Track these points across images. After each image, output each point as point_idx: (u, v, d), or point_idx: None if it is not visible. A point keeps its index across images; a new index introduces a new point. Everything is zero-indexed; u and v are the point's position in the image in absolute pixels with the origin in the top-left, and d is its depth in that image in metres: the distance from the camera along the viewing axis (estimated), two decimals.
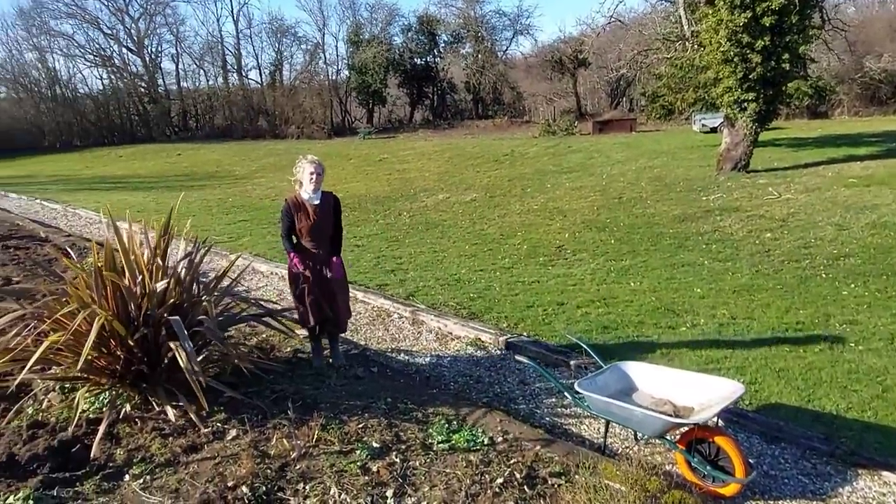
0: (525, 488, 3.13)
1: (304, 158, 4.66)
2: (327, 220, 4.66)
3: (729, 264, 7.62)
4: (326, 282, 4.67)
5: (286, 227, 4.66)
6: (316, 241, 4.63)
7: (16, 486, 3.11)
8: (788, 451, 3.74)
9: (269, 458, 3.39)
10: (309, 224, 4.56)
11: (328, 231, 4.69)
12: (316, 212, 4.59)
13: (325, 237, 4.68)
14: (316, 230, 4.59)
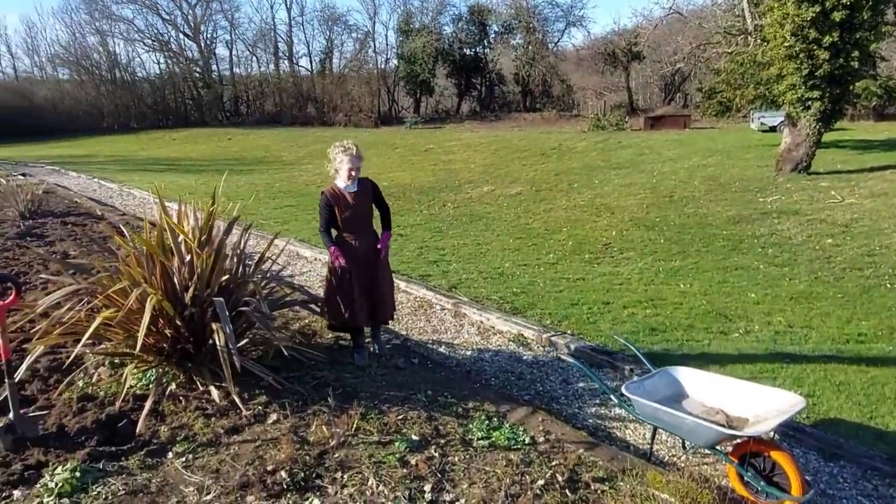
0: (567, 492, 3.03)
1: (340, 148, 4.42)
2: (366, 206, 4.50)
3: (786, 270, 7.29)
4: (369, 274, 4.50)
5: (325, 221, 4.43)
6: (357, 230, 4.47)
7: (64, 457, 3.18)
8: (848, 469, 3.53)
9: (308, 445, 3.38)
10: (349, 214, 4.39)
11: (369, 219, 4.53)
12: (354, 199, 4.44)
13: (367, 225, 4.53)
14: (356, 219, 4.44)
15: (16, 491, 2.94)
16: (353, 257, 4.43)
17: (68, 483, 2.93)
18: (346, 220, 4.41)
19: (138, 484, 3.01)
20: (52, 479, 2.96)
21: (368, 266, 4.50)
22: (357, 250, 4.46)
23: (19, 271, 6.88)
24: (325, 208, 4.41)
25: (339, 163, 4.41)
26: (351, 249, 4.45)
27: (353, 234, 4.47)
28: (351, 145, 4.41)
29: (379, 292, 4.57)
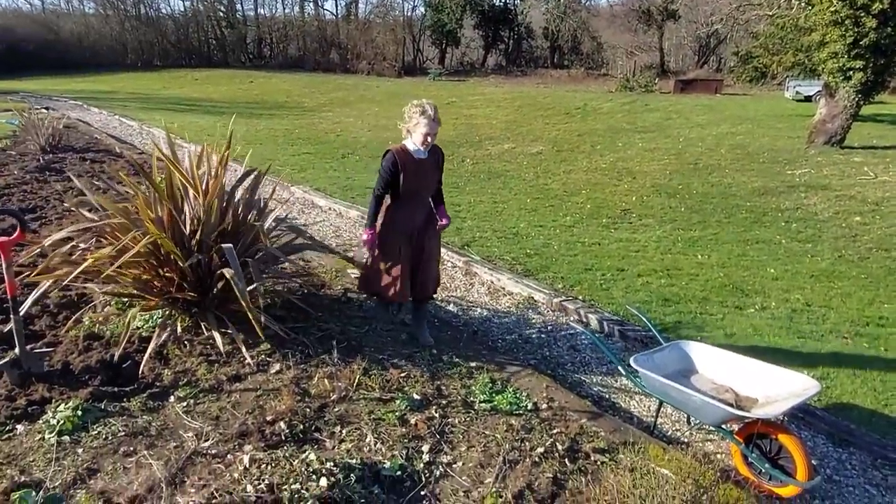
0: (566, 462, 3.00)
1: (418, 109, 3.84)
2: (433, 177, 4.04)
3: (809, 246, 7.08)
4: (419, 247, 4.09)
5: (384, 184, 3.91)
6: (416, 201, 4.01)
7: (68, 394, 3.20)
8: (857, 457, 3.46)
9: (308, 397, 3.37)
10: (414, 182, 3.89)
11: (432, 190, 4.08)
12: (423, 167, 3.93)
13: (427, 198, 4.09)
14: (419, 189, 3.97)
15: (19, 425, 2.97)
16: (404, 232, 4.01)
17: (69, 421, 2.94)
18: (409, 188, 3.90)
19: (138, 426, 3.02)
20: (54, 415, 2.99)
21: (419, 240, 4.09)
22: (411, 223, 4.03)
23: (36, 205, 6.90)
24: (388, 170, 3.87)
25: (413, 124, 3.85)
26: (405, 222, 4.01)
27: (412, 205, 4.00)
28: (430, 108, 3.85)
29: (426, 266, 4.16)
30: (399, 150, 3.89)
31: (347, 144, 13.80)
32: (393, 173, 3.86)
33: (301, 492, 2.51)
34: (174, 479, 2.66)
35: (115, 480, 2.64)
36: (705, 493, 2.49)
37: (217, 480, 2.64)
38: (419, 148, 3.89)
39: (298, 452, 2.86)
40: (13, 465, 2.69)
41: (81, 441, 2.87)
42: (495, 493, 2.74)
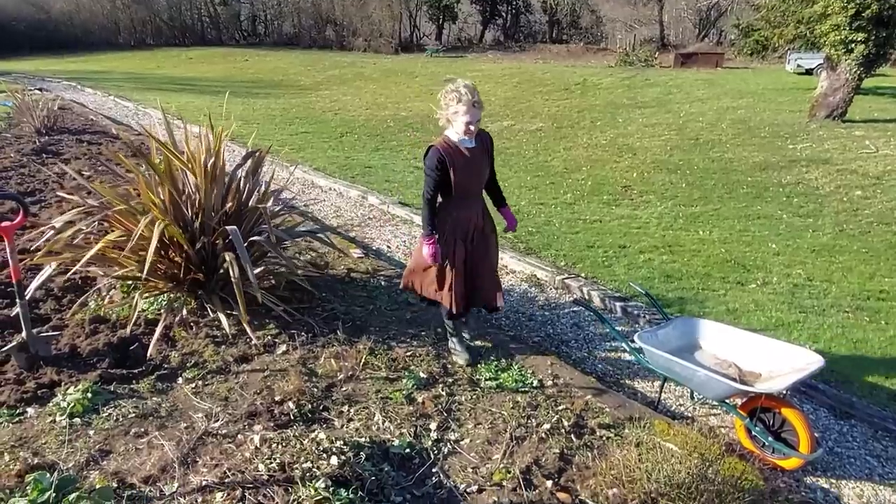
0: (572, 437, 3.04)
1: (454, 95, 3.37)
2: (485, 166, 3.56)
3: (810, 221, 7.08)
4: (478, 250, 3.63)
5: (434, 185, 3.41)
6: (470, 196, 3.56)
7: (77, 377, 3.22)
8: (858, 429, 3.50)
9: (316, 377, 3.40)
10: (465, 176, 3.43)
11: (484, 181, 3.63)
12: (472, 157, 3.47)
13: (480, 190, 3.65)
14: (472, 182, 3.52)
15: (29, 408, 2.99)
16: (461, 234, 3.54)
17: (80, 403, 2.97)
18: (461, 182, 3.44)
19: (148, 407, 3.05)
20: (64, 398, 3.01)
21: (478, 241, 3.62)
22: (468, 223, 3.55)
23: (34, 189, 6.87)
24: (435, 168, 3.39)
25: (452, 112, 3.41)
26: (462, 222, 3.54)
27: (466, 202, 3.54)
28: (467, 91, 3.36)
29: (488, 270, 3.70)
30: (443, 144, 3.43)
31: (345, 123, 13.70)
32: (441, 171, 3.39)
33: (312, 470, 2.55)
34: (186, 458, 2.69)
35: (128, 461, 2.67)
36: (710, 466, 2.53)
37: (229, 460, 2.67)
38: (464, 137, 3.43)
39: (308, 432, 2.90)
40: (26, 447, 2.72)
41: (93, 423, 2.90)
42: (503, 468, 2.78)
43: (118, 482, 2.54)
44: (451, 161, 3.40)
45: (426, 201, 3.48)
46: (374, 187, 8.05)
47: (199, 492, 2.49)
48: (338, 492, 2.42)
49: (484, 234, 3.65)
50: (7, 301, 4.02)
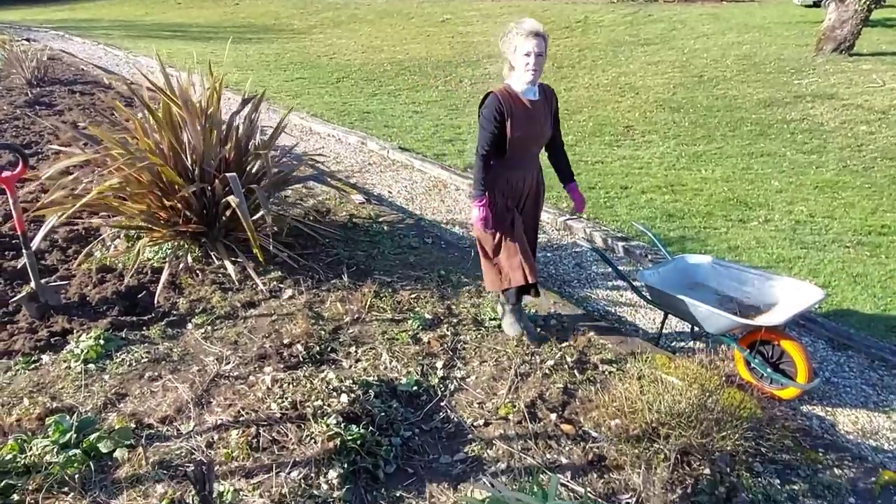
0: (575, 372, 3.11)
1: (514, 29, 2.95)
2: (547, 124, 3.12)
3: (814, 157, 7.01)
4: (529, 219, 3.33)
5: (490, 139, 3.00)
6: (527, 158, 3.16)
7: (88, 325, 3.28)
8: (855, 359, 3.57)
9: (322, 320, 3.45)
10: (524, 131, 3.01)
11: (545, 141, 3.20)
12: (534, 111, 3.03)
13: (538, 151, 3.25)
14: (531, 141, 3.10)
15: (44, 356, 3.06)
16: (514, 198, 3.20)
17: (93, 350, 3.04)
18: (519, 141, 3.03)
19: (160, 352, 3.11)
20: (77, 345, 3.08)
21: (529, 208, 3.30)
22: (522, 187, 3.19)
23: (30, 141, 6.81)
24: (493, 120, 2.97)
25: (511, 50, 2.95)
26: (515, 185, 3.17)
27: (523, 163, 3.14)
28: (525, 21, 2.94)
29: (532, 242, 3.42)
30: (503, 92, 3.03)
31: (341, 68, 13.40)
32: (499, 122, 2.98)
33: (323, 407, 2.62)
34: (201, 399, 2.77)
35: (144, 403, 2.75)
36: (710, 397, 2.60)
37: (242, 400, 2.75)
38: (527, 86, 3.02)
39: (317, 372, 2.97)
40: (44, 392, 2.80)
41: (107, 368, 2.97)
42: (508, 403, 2.86)
43: (136, 423, 2.62)
44: (511, 112, 2.99)
45: (479, 157, 3.06)
46: (373, 133, 7.95)
47: (215, 430, 2.58)
48: (349, 427, 2.50)
49: (536, 200, 3.32)
50: (13, 253, 4.04)
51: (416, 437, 2.65)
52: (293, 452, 2.46)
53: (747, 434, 2.59)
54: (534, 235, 3.43)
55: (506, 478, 2.46)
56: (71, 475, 2.31)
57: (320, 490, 2.32)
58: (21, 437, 2.46)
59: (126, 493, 2.28)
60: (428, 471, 2.49)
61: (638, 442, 2.57)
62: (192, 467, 2.23)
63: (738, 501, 2.45)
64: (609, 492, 2.43)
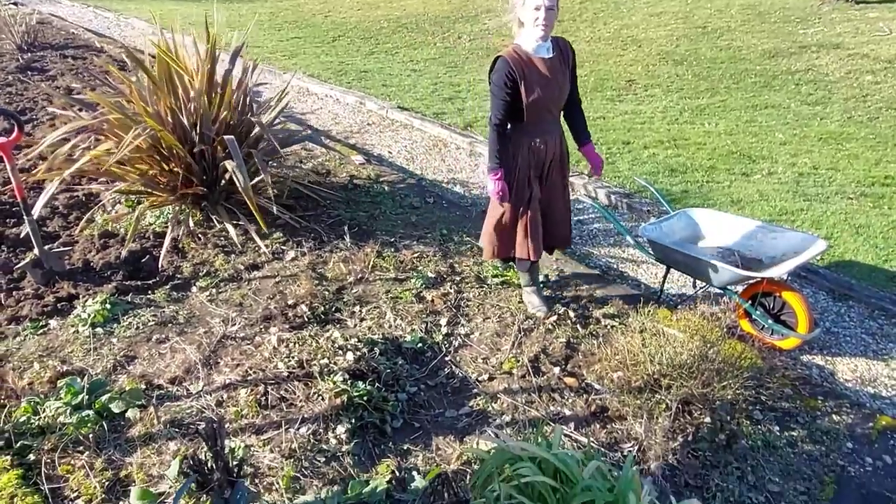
0: (578, 327, 3.14)
1: None
2: (565, 83, 2.92)
3: (818, 108, 6.92)
4: (551, 186, 3.12)
5: (502, 107, 2.83)
6: (546, 122, 2.95)
7: (93, 290, 3.30)
8: (855, 309, 3.60)
9: (326, 281, 3.47)
10: (540, 94, 2.81)
11: (564, 100, 3.00)
12: (549, 70, 2.84)
13: (559, 112, 3.05)
14: (549, 103, 2.88)
15: (51, 321, 3.09)
16: (535, 167, 3.01)
17: (100, 314, 3.06)
18: (536, 104, 2.83)
19: (166, 315, 3.14)
20: (84, 310, 3.10)
21: (555, 175, 3.11)
22: (543, 154, 2.99)
23: (25, 107, 6.73)
24: (503, 86, 2.79)
25: (521, 5, 2.78)
26: (535, 153, 2.98)
27: (542, 127, 2.94)
28: None
29: (559, 210, 3.22)
30: (512, 54, 2.82)
31: (337, 26, 13.13)
32: (511, 87, 2.79)
33: (330, 366, 2.66)
34: (209, 360, 2.81)
35: (153, 365, 2.79)
36: (712, 348, 2.63)
37: (249, 360, 2.79)
38: (539, 43, 2.81)
39: (322, 332, 3.00)
40: (53, 356, 2.84)
41: (115, 332, 3.01)
42: (512, 358, 2.90)
43: (146, 384, 2.67)
44: (523, 75, 2.78)
45: (493, 127, 2.88)
46: (371, 92, 7.84)
47: (224, 389, 2.63)
48: (355, 384, 2.54)
49: (561, 165, 3.11)
50: (14, 220, 4.04)
51: (422, 392, 2.69)
52: (301, 409, 2.51)
53: (748, 383, 2.63)
54: (564, 205, 3.20)
55: (510, 430, 2.51)
56: (85, 435, 2.36)
57: (329, 444, 2.37)
58: (34, 400, 2.51)
59: (140, 451, 2.33)
60: (434, 424, 2.54)
61: (640, 393, 2.61)
62: (203, 425, 2.27)
63: (737, 448, 2.50)
64: (612, 441, 2.49)
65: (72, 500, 2.14)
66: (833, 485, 2.39)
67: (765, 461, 2.47)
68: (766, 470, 2.43)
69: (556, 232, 3.24)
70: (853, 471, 2.47)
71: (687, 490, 2.31)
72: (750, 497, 2.31)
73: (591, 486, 1.74)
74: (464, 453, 2.35)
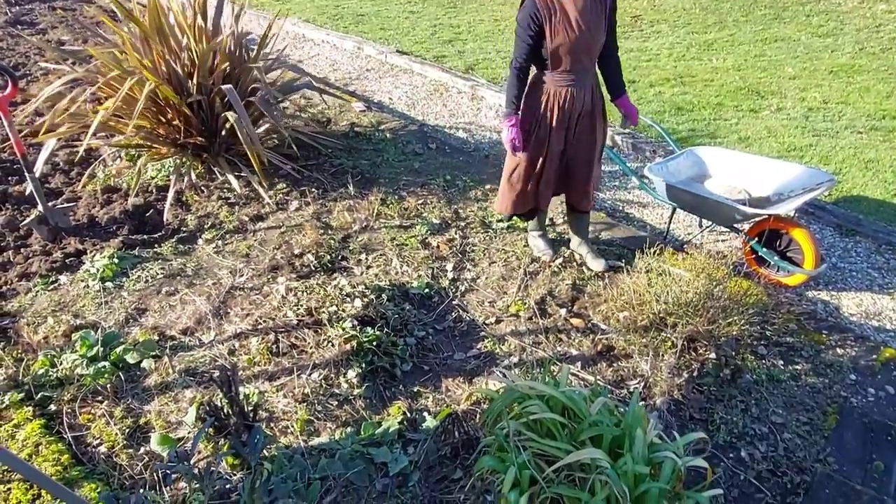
0: (583, 269, 3.15)
1: None
2: (598, 28, 2.65)
3: (830, 41, 6.71)
4: (580, 142, 2.89)
5: (525, 51, 2.66)
6: (577, 71, 2.70)
7: (100, 245, 3.32)
8: (862, 244, 3.59)
9: (331, 230, 3.47)
10: (570, 37, 2.58)
11: (598, 49, 2.73)
12: (581, 14, 2.58)
13: (592, 61, 2.77)
14: (579, 49, 2.62)
15: (61, 276, 3.12)
16: (563, 116, 2.78)
17: (108, 269, 3.09)
18: (563, 50, 2.62)
19: (174, 268, 3.17)
20: (93, 265, 3.13)
21: (582, 129, 2.87)
22: (570, 104, 2.76)
23: (17, 63, 6.60)
24: (528, 26, 2.60)
25: None
26: (563, 102, 2.75)
27: (570, 75, 2.70)
28: None
29: (579, 168, 2.98)
30: None
31: None
32: (535, 30, 2.59)
33: (338, 313, 2.69)
34: (219, 311, 2.85)
35: (165, 317, 2.83)
36: (717, 286, 2.64)
37: (258, 309, 2.82)
38: None
39: (330, 280, 3.02)
40: (66, 311, 2.88)
41: (124, 285, 3.03)
42: (519, 301, 2.92)
43: (159, 335, 2.71)
44: (550, 16, 2.57)
45: (512, 70, 2.72)
46: (369, 37, 7.64)
47: (236, 338, 2.67)
48: (364, 330, 2.57)
49: (592, 121, 2.87)
50: (16, 178, 4.02)
51: (430, 336, 2.73)
52: (312, 356, 2.55)
53: (753, 320, 2.65)
54: (587, 167, 2.96)
55: (518, 370, 2.55)
56: (103, 385, 2.42)
57: (341, 389, 2.42)
58: (50, 353, 2.56)
59: (157, 399, 2.39)
60: (443, 367, 2.59)
61: (646, 332, 2.64)
62: (217, 373, 2.32)
63: (742, 382, 2.54)
64: (618, 379, 2.53)
65: (94, 447, 2.21)
66: (835, 415, 2.44)
67: (768, 394, 2.51)
68: (769, 402, 2.47)
69: (572, 192, 3.07)
70: (856, 401, 2.52)
71: (692, 423, 2.36)
72: (753, 428, 2.36)
73: (598, 421, 1.78)
74: (473, 393, 2.40)
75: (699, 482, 2.02)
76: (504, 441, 1.83)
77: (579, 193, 3.06)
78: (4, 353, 2.60)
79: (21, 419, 2.26)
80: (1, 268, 3.19)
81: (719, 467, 2.21)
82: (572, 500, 1.68)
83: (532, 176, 2.97)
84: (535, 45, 2.65)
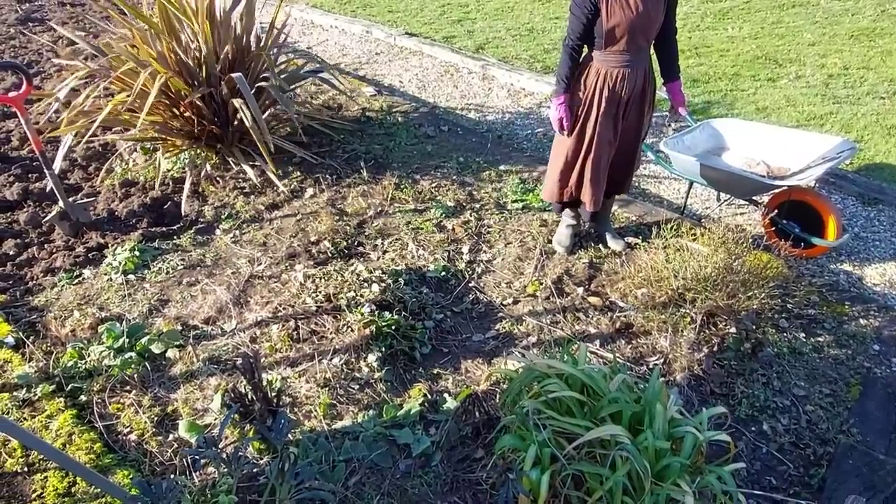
0: (600, 247, 3.14)
1: None
2: (656, 11, 2.56)
3: (849, 4, 6.54)
4: (630, 129, 2.84)
5: (579, 30, 2.59)
6: (632, 52, 2.60)
7: (121, 238, 3.37)
8: (885, 213, 3.52)
9: (346, 216, 3.49)
10: (625, 19, 2.49)
11: (655, 31, 2.65)
12: None
13: (648, 43, 2.68)
14: (635, 30, 2.53)
15: (85, 270, 3.18)
16: (614, 99, 2.69)
17: (130, 261, 3.14)
18: (619, 31, 2.53)
19: (194, 259, 3.21)
20: (115, 258, 3.18)
21: (630, 117, 2.81)
22: (623, 90, 2.67)
23: (30, 60, 6.67)
24: (584, 4, 2.52)
25: None
26: (615, 88, 2.67)
27: (624, 57, 2.61)
28: None
29: (624, 156, 2.95)
30: None
31: None
32: (591, 9, 2.52)
33: (356, 298, 2.71)
34: (239, 300, 2.88)
35: (187, 307, 2.88)
36: (737, 260, 2.61)
37: (278, 297, 2.85)
38: None
39: (347, 266, 3.04)
40: (91, 304, 2.94)
41: (146, 278, 3.08)
42: (535, 281, 2.92)
43: (182, 325, 2.76)
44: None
45: (565, 49, 2.66)
46: (377, 20, 7.59)
47: (257, 326, 2.71)
48: (382, 314, 2.59)
49: (641, 106, 2.79)
50: (36, 175, 4.09)
51: (448, 319, 2.75)
52: (332, 341, 2.59)
53: (773, 293, 2.62)
54: (632, 152, 2.93)
55: (537, 350, 2.56)
56: (130, 375, 2.47)
57: (362, 373, 2.45)
58: (78, 345, 2.62)
59: (183, 388, 2.44)
60: (462, 349, 2.61)
61: (664, 308, 2.63)
62: (240, 360, 2.36)
63: (763, 356, 2.53)
64: (637, 356, 2.53)
65: (125, 435, 2.26)
66: (858, 386, 2.42)
67: (790, 367, 2.50)
68: (791, 375, 2.46)
69: (613, 177, 2.98)
70: (879, 372, 2.49)
71: (713, 398, 2.36)
72: (775, 401, 2.35)
73: (617, 398, 1.79)
74: (492, 374, 2.42)
75: (721, 456, 2.03)
76: (524, 420, 1.84)
77: (619, 180, 3.02)
78: (34, 346, 2.67)
79: (54, 410, 2.33)
80: (26, 263, 3.26)
81: (741, 441, 2.21)
82: (593, 476, 1.69)
83: (577, 163, 2.87)
84: (590, 24, 2.57)
